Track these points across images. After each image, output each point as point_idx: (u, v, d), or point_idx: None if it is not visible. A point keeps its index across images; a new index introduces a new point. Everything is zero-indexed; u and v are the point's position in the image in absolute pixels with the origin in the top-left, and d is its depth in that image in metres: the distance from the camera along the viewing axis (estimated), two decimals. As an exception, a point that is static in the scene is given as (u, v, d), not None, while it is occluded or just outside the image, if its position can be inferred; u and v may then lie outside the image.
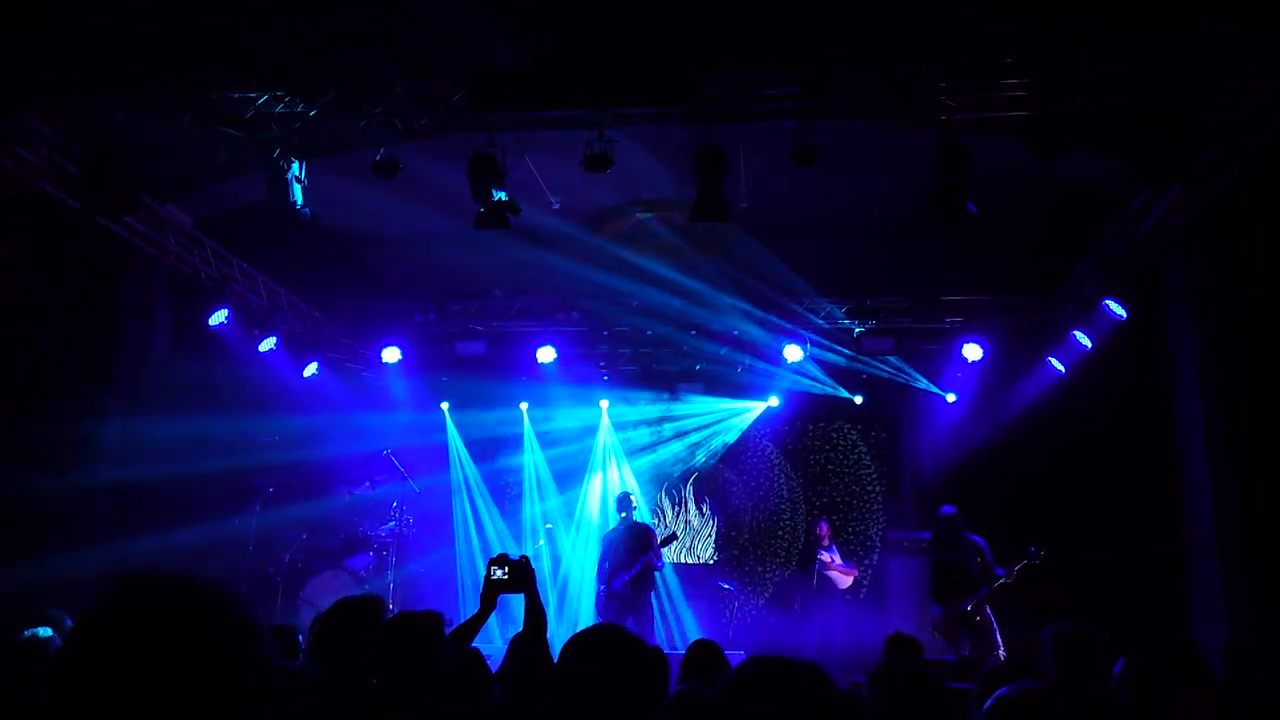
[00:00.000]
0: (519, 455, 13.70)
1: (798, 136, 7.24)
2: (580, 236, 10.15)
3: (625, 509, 10.82)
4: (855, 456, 13.51)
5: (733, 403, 13.45)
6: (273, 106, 7.42)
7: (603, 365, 13.12)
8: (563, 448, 13.69)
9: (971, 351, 11.25)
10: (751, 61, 7.11)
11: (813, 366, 12.30)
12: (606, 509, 12.62)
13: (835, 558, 11.31)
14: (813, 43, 6.93)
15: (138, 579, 1.39)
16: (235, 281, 10.40)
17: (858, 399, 12.72)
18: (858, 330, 11.69)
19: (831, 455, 13.55)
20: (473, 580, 12.86)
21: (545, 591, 12.56)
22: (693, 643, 5.34)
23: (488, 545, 13.12)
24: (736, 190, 8.29)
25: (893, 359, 12.06)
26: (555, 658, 2.63)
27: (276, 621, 8.74)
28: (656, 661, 2.62)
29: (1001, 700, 2.60)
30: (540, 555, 12.78)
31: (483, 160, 7.50)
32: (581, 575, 12.93)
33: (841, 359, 12.06)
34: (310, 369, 11.66)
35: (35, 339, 8.59)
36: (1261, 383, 8.08)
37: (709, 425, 13.66)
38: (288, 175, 7.61)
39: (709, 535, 13.50)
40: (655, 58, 7.03)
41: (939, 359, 12.05)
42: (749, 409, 13.47)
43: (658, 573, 10.59)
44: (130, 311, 9.95)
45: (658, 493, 13.69)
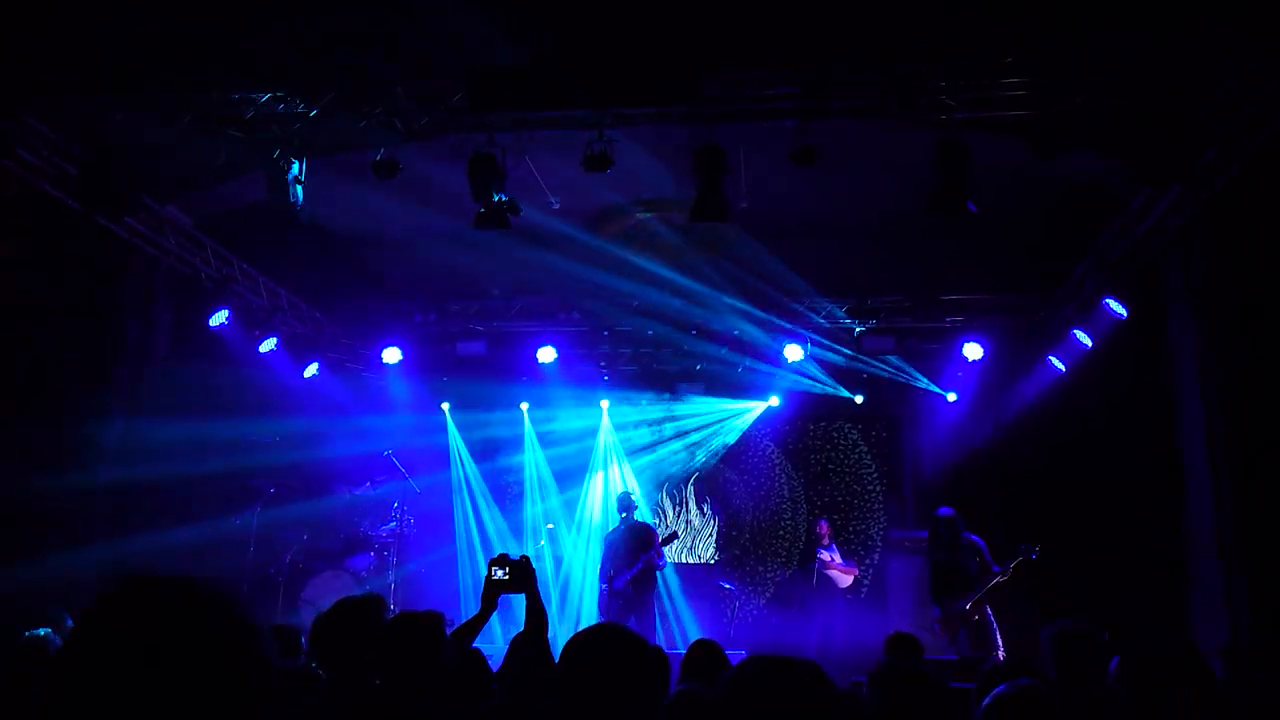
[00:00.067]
0: (520, 455, 13.70)
1: (798, 136, 7.24)
2: (580, 236, 10.15)
3: (626, 509, 10.83)
4: (856, 456, 13.51)
5: (733, 402, 13.44)
6: (273, 107, 7.42)
7: (603, 365, 13.12)
8: (563, 448, 13.68)
9: (972, 351, 11.25)
10: (751, 61, 7.11)
11: (813, 366, 12.29)
12: (608, 509, 12.62)
13: (835, 557, 11.31)
14: (813, 43, 6.93)
15: (138, 579, 1.39)
16: (236, 282, 10.40)
17: (858, 398, 12.72)
18: (858, 330, 11.69)
19: (832, 455, 13.54)
20: (474, 580, 12.85)
21: (547, 591, 12.56)
22: (693, 642, 5.33)
23: (489, 545, 13.11)
24: (737, 190, 8.28)
25: (893, 358, 12.06)
26: (557, 657, 2.63)
27: (278, 622, 8.75)
28: (657, 661, 2.62)
29: (999, 698, 2.60)
30: (542, 555, 12.78)
31: (483, 160, 7.50)
32: (583, 575, 12.93)
33: (842, 359, 12.06)
34: (311, 369, 11.66)
35: (35, 339, 8.59)
36: (1262, 383, 8.08)
37: (710, 425, 13.66)
38: (288, 176, 7.61)
39: (710, 535, 13.50)
40: (655, 58, 7.02)
41: (939, 358, 12.05)
42: (750, 409, 13.46)
43: (659, 572, 10.60)
44: (130, 312, 9.94)
45: (658, 492, 13.68)
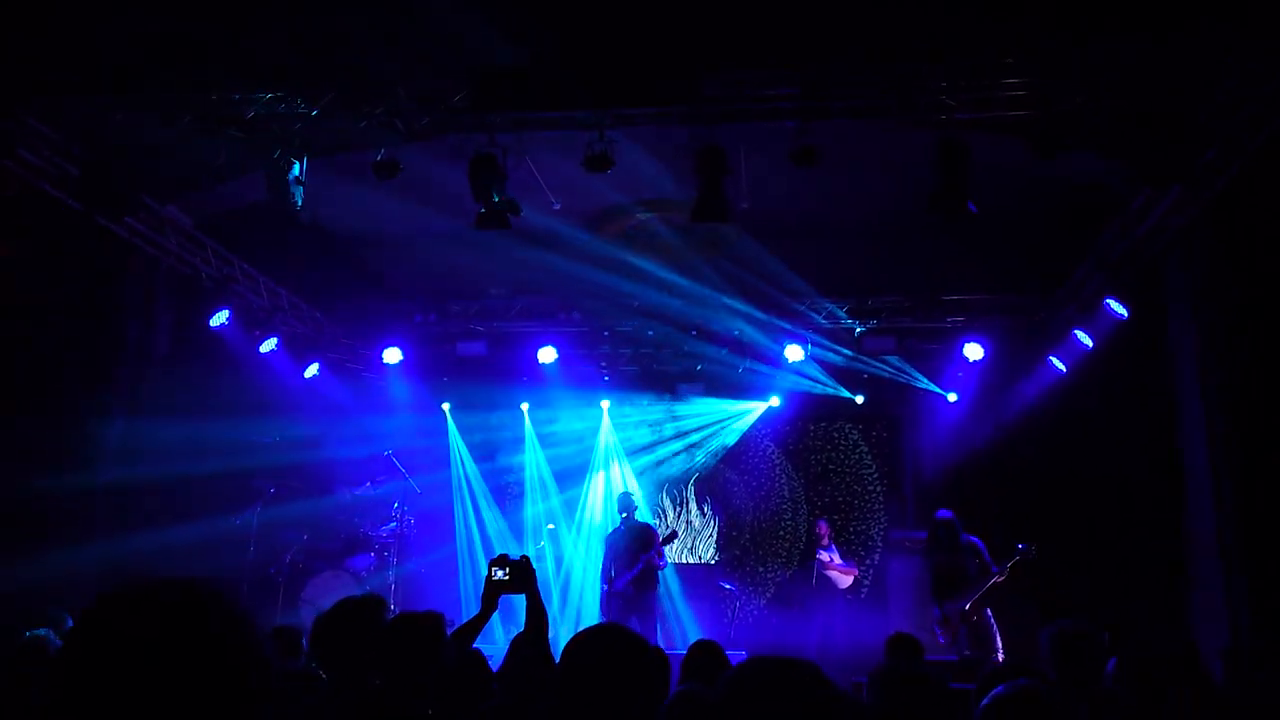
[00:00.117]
0: (520, 455, 13.70)
1: (798, 136, 7.24)
2: (581, 237, 10.15)
3: (626, 509, 10.83)
4: (856, 456, 13.51)
5: (734, 403, 13.43)
6: (273, 107, 7.41)
7: (604, 366, 13.12)
8: (564, 448, 13.68)
9: (972, 351, 11.25)
10: (751, 61, 7.11)
11: (814, 366, 12.29)
12: (608, 509, 12.62)
13: (834, 557, 11.30)
14: (813, 43, 6.93)
15: (138, 581, 1.39)
16: (236, 282, 10.40)
17: (859, 399, 12.72)
18: (858, 330, 11.69)
19: (833, 455, 13.54)
20: (474, 581, 12.85)
21: (548, 592, 12.56)
22: (694, 643, 5.33)
23: (489, 545, 13.11)
24: (737, 191, 8.27)
25: (893, 359, 12.06)
26: (557, 657, 2.63)
27: (278, 622, 8.75)
28: (657, 661, 2.62)
29: (997, 699, 2.60)
30: (543, 555, 12.77)
31: (483, 160, 7.49)
32: (583, 575, 12.93)
33: (842, 359, 12.06)
34: (311, 370, 11.66)
35: (35, 339, 8.58)
36: (1262, 383, 8.08)
37: (710, 425, 13.65)
38: (288, 176, 7.60)
39: (710, 535, 13.49)
40: (655, 58, 7.02)
41: (940, 359, 12.05)
42: (750, 409, 13.46)
43: (660, 571, 10.60)
44: (131, 312, 9.95)
45: (659, 493, 13.68)
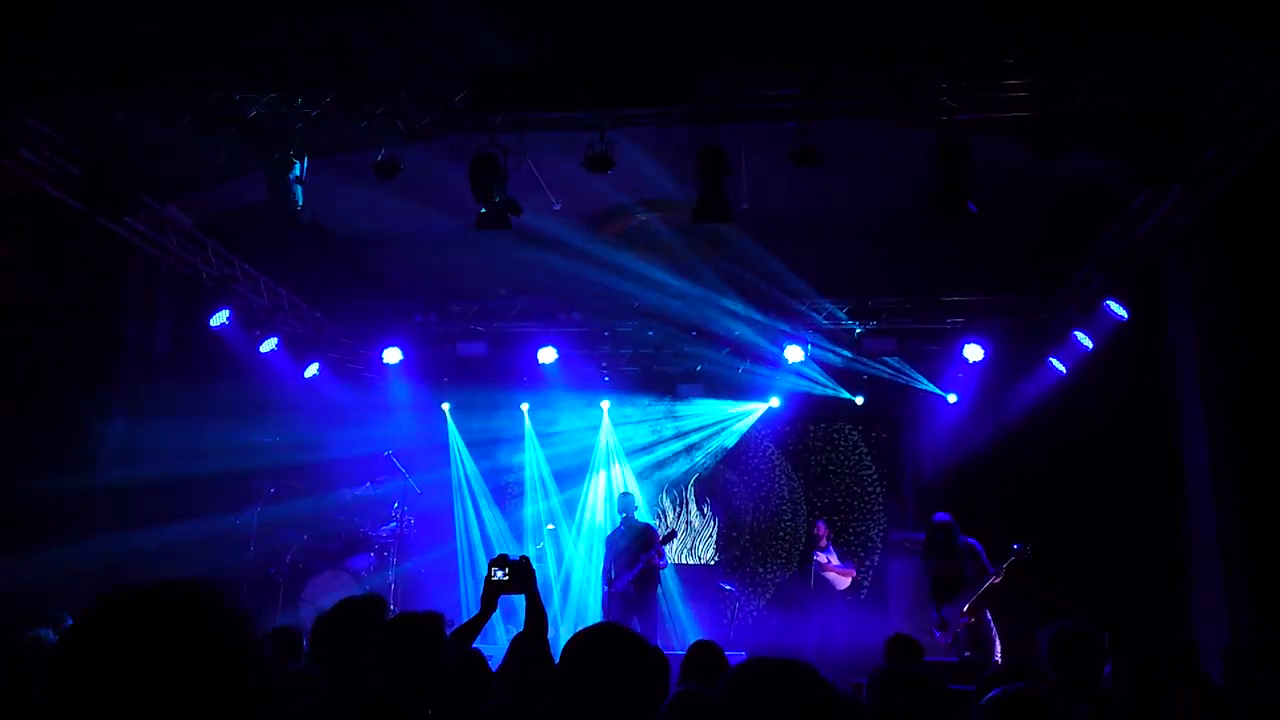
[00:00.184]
0: (520, 455, 13.69)
1: (798, 136, 7.24)
2: (581, 237, 10.15)
3: (626, 509, 10.83)
4: (856, 457, 13.50)
5: (734, 404, 13.43)
6: (273, 107, 7.41)
7: (604, 366, 13.12)
8: (564, 448, 13.67)
9: (972, 352, 11.25)
10: (751, 61, 7.10)
11: (814, 367, 12.29)
12: (609, 509, 12.61)
13: (832, 558, 11.27)
14: (813, 43, 6.93)
15: (137, 581, 1.39)
16: (237, 282, 10.40)
17: (859, 400, 12.71)
18: (859, 331, 11.69)
19: (832, 456, 13.53)
20: (474, 581, 12.84)
21: (549, 592, 12.57)
22: (693, 644, 5.32)
23: (489, 545, 13.10)
24: (738, 191, 8.27)
25: (893, 360, 12.05)
26: (558, 657, 2.62)
27: (278, 622, 8.75)
28: (657, 661, 2.61)
29: (995, 699, 2.61)
30: (544, 556, 12.77)
31: (484, 161, 7.47)
32: (584, 576, 12.92)
33: (842, 360, 12.06)
34: (311, 370, 11.66)
35: (36, 339, 8.59)
36: (1262, 383, 8.08)
37: (710, 426, 13.64)
38: (289, 176, 7.59)
39: (710, 536, 13.49)
40: (655, 58, 7.02)
41: (940, 359, 12.05)
42: (750, 410, 13.45)
43: (661, 571, 10.60)
44: (131, 312, 9.95)
45: (659, 493, 13.67)
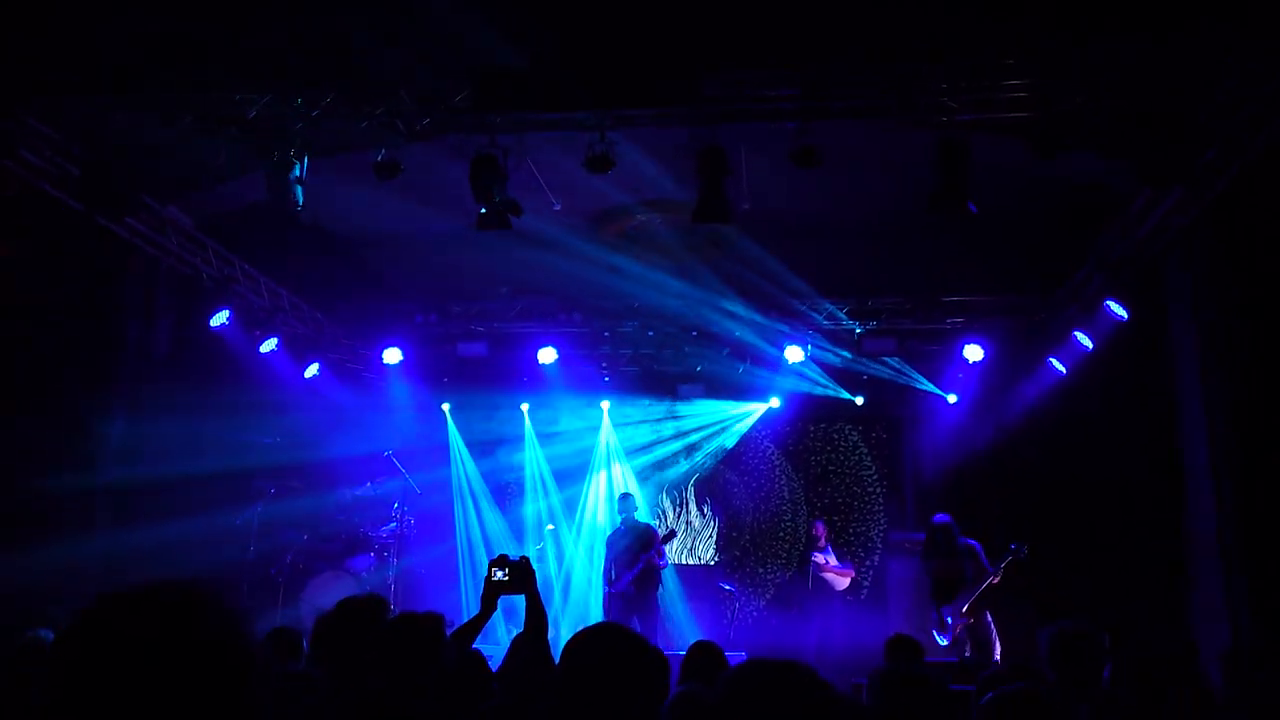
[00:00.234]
0: (520, 456, 13.69)
1: (798, 136, 7.23)
2: (582, 237, 10.14)
3: (626, 510, 10.84)
4: (856, 458, 13.49)
5: (734, 404, 13.42)
6: (274, 107, 7.41)
7: (604, 366, 13.12)
8: (564, 449, 13.66)
9: (972, 352, 11.24)
10: (751, 61, 7.10)
11: (814, 367, 12.29)
12: (610, 510, 12.61)
13: (830, 559, 11.26)
14: (813, 43, 6.92)
15: (135, 583, 1.39)
16: (237, 282, 10.39)
17: (859, 400, 12.71)
18: (859, 331, 11.69)
19: (833, 456, 13.52)
20: (474, 581, 12.84)
21: (551, 592, 12.57)
22: (693, 644, 5.32)
23: (489, 546, 13.10)
24: (738, 191, 8.27)
25: (894, 360, 12.05)
26: (558, 657, 2.62)
27: (278, 622, 8.75)
28: (657, 662, 2.61)
29: (995, 700, 2.62)
30: (545, 556, 12.76)
31: (484, 161, 7.46)
32: (585, 576, 12.92)
33: (841, 360, 12.06)
34: (311, 370, 11.66)
35: (36, 339, 8.59)
36: (1262, 383, 8.08)
37: (710, 426, 13.64)
38: (289, 176, 7.59)
39: (710, 536, 13.49)
40: (655, 58, 7.02)
41: (940, 360, 12.05)
42: (750, 410, 13.45)
43: (662, 571, 10.61)
44: (131, 312, 9.95)
45: (658, 494, 13.67)
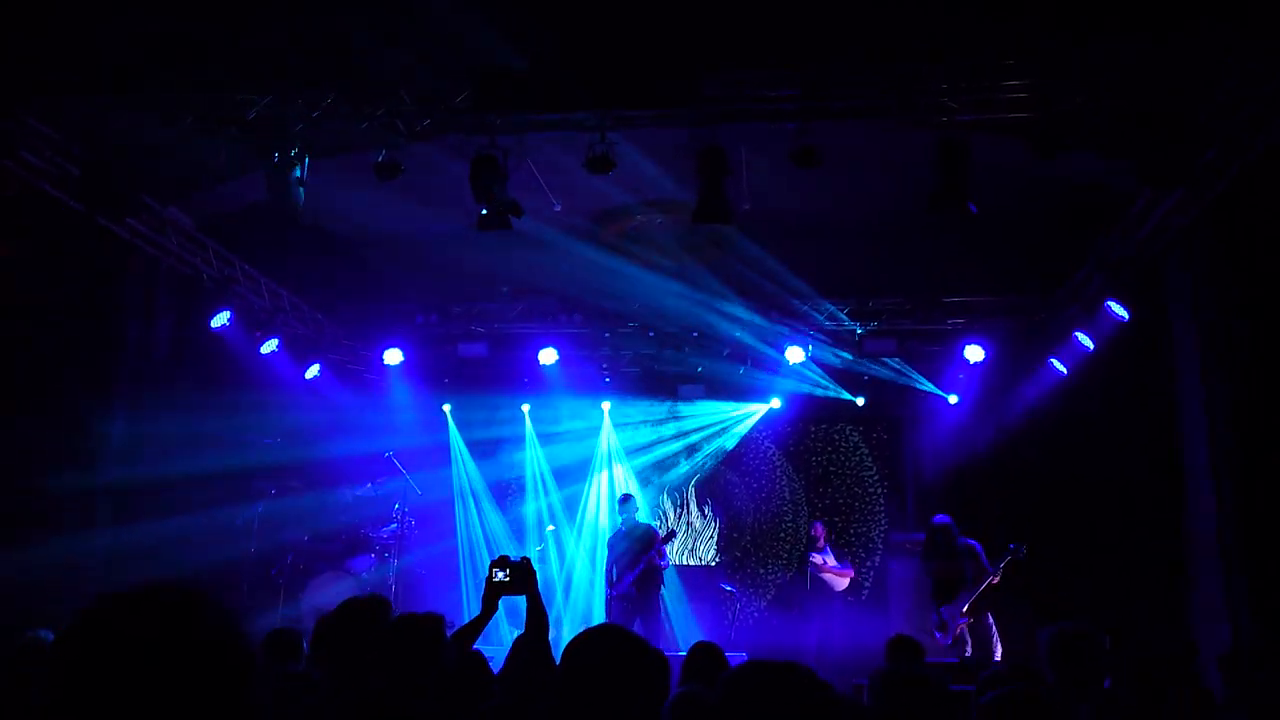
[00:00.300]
0: (521, 457, 13.69)
1: (798, 136, 7.23)
2: (582, 238, 10.15)
3: (626, 511, 10.83)
4: (857, 458, 13.48)
5: (734, 405, 13.42)
6: (274, 107, 7.41)
7: (604, 367, 13.12)
8: (565, 449, 13.66)
9: (973, 353, 11.24)
10: (751, 61, 7.10)
11: (814, 368, 12.29)
12: (611, 511, 12.60)
13: (829, 559, 11.26)
14: (813, 43, 6.93)
15: (134, 586, 1.39)
16: (237, 283, 10.39)
17: (859, 401, 12.70)
18: (859, 332, 11.69)
19: (833, 457, 13.51)
20: (475, 582, 12.84)
21: (553, 593, 12.56)
22: (694, 645, 5.32)
23: (490, 547, 13.10)
24: (738, 192, 8.27)
25: (894, 360, 12.05)
26: (559, 658, 2.62)
27: (278, 622, 8.75)
28: (658, 663, 2.61)
29: (993, 700, 2.62)
30: (546, 557, 12.75)
31: (485, 162, 7.46)
32: (586, 576, 12.92)
33: (841, 361, 12.06)
34: (312, 371, 11.66)
35: (36, 339, 8.59)
36: (1262, 383, 8.08)
37: (711, 427, 13.64)
38: (289, 176, 7.59)
39: (711, 537, 13.48)
40: (655, 59, 7.02)
41: (941, 360, 12.05)
42: (751, 411, 13.44)
43: (663, 572, 10.60)
44: (131, 312, 9.94)
45: (659, 495, 13.67)
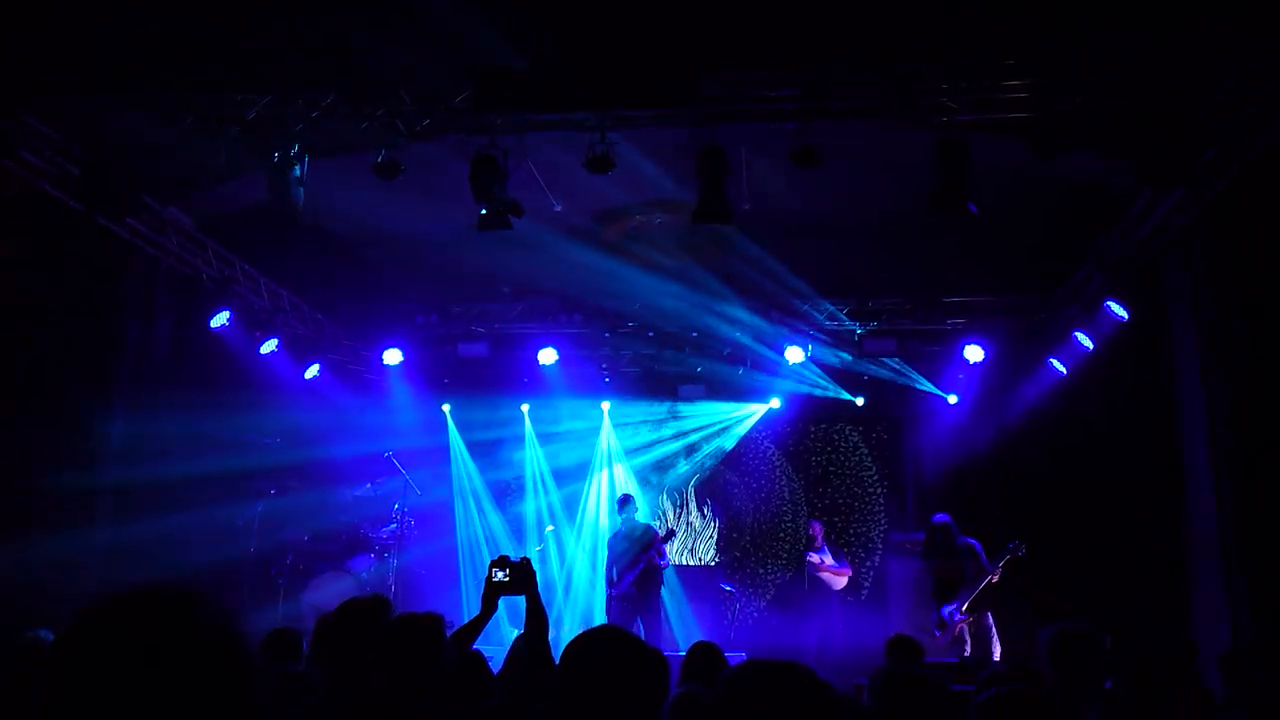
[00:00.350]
0: (520, 457, 13.69)
1: (798, 136, 7.23)
2: (582, 238, 10.15)
3: (626, 512, 10.83)
4: (857, 458, 13.48)
5: (734, 405, 13.41)
6: (274, 107, 7.41)
7: (604, 367, 13.12)
8: (564, 450, 13.66)
9: (973, 353, 11.24)
10: (751, 61, 7.10)
11: (814, 368, 12.29)
12: (611, 511, 12.59)
13: (826, 558, 11.27)
14: (813, 43, 6.93)
15: (134, 587, 1.39)
16: (237, 283, 10.39)
17: (859, 401, 12.71)
18: (859, 332, 11.69)
19: (833, 457, 13.51)
20: (475, 582, 12.83)
21: (553, 592, 12.56)
22: (693, 645, 5.33)
23: (490, 546, 13.10)
24: (739, 192, 8.26)
25: (894, 360, 12.05)
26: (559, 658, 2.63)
27: (278, 622, 8.75)
28: (657, 664, 2.62)
29: (989, 700, 2.62)
30: (546, 557, 12.75)
31: (485, 162, 7.45)
32: (587, 576, 12.92)
33: (841, 361, 12.06)
34: (312, 371, 11.66)
35: (36, 339, 8.59)
36: (1262, 383, 8.08)
37: (710, 427, 13.64)
38: (289, 176, 7.59)
39: (710, 537, 13.48)
40: (655, 59, 7.02)
41: (941, 360, 12.05)
42: (751, 411, 13.44)
43: (663, 571, 10.60)
44: (131, 312, 9.94)
45: (659, 495, 13.67)
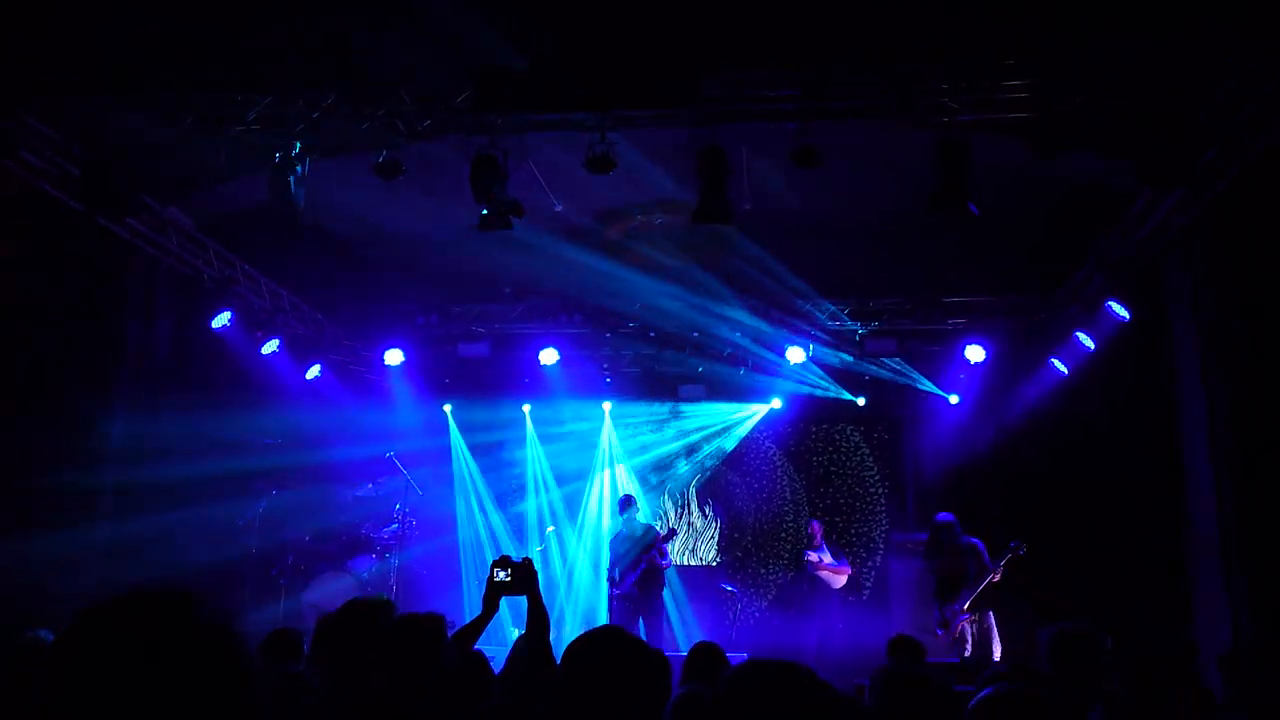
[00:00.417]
0: (521, 456, 13.69)
1: (798, 136, 7.23)
2: (583, 238, 10.15)
3: (628, 513, 10.83)
4: (858, 458, 13.49)
5: (735, 405, 13.42)
6: (274, 107, 7.41)
7: (605, 367, 13.13)
8: (565, 450, 13.67)
9: (974, 353, 11.24)
10: (751, 61, 7.10)
11: (815, 368, 12.29)
12: (612, 512, 12.59)
13: (824, 557, 11.28)
14: (813, 43, 6.93)
15: (134, 587, 1.39)
16: (238, 283, 10.39)
17: (860, 401, 12.71)
18: (860, 332, 11.69)
19: (834, 457, 13.52)
20: (476, 582, 12.83)
21: (555, 592, 12.56)
22: (695, 645, 5.34)
23: (492, 546, 13.10)
24: (739, 192, 8.27)
25: (895, 360, 12.05)
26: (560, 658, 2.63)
27: (279, 622, 8.75)
28: (658, 664, 2.62)
29: (984, 700, 2.61)
30: (548, 557, 12.75)
31: (485, 162, 7.45)
32: (589, 576, 12.92)
33: (842, 362, 12.06)
34: (313, 371, 11.66)
35: (36, 339, 8.59)
36: (1262, 383, 8.08)
37: (711, 427, 13.64)
38: (289, 177, 7.59)
39: (712, 537, 13.48)
40: (655, 59, 7.02)
41: (941, 360, 12.05)
42: (752, 411, 13.45)
43: (665, 571, 10.60)
44: (131, 312, 9.94)
45: (660, 495, 13.67)
